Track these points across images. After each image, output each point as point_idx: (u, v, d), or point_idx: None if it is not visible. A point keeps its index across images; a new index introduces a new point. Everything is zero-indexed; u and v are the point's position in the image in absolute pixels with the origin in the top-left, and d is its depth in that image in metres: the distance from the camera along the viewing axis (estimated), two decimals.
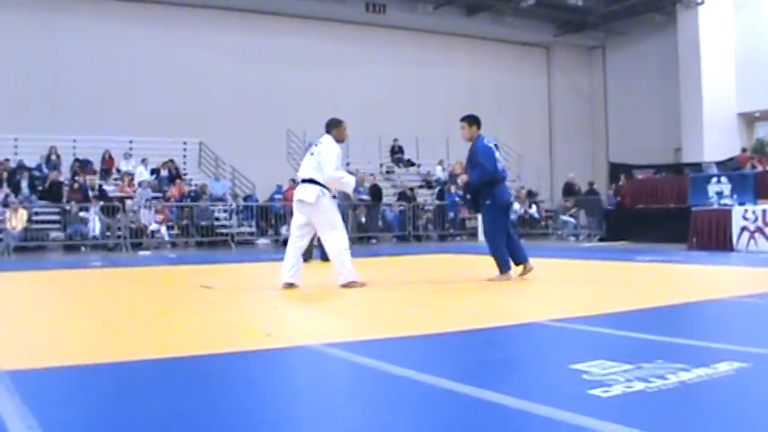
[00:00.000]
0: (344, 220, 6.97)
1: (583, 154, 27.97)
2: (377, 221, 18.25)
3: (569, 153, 27.71)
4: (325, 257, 9.21)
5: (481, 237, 7.49)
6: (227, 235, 17.34)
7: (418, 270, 8.78)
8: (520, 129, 27.87)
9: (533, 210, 20.01)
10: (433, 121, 25.26)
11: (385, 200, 19.95)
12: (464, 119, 6.96)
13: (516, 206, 19.69)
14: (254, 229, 18.15)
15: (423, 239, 19.49)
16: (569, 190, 19.66)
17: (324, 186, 6.29)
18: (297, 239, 6.49)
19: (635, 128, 26.60)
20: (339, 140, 6.53)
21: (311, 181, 6.33)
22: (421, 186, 22.92)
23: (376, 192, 18.31)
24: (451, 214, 19.15)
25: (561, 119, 28.29)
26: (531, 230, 19.59)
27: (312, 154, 6.53)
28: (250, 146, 21.45)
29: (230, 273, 9.09)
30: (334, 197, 6.37)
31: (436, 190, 20.67)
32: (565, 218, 19.01)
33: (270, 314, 4.95)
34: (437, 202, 19.85)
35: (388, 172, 23.48)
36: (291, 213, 7.02)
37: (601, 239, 16.65)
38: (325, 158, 6.30)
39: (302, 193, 6.33)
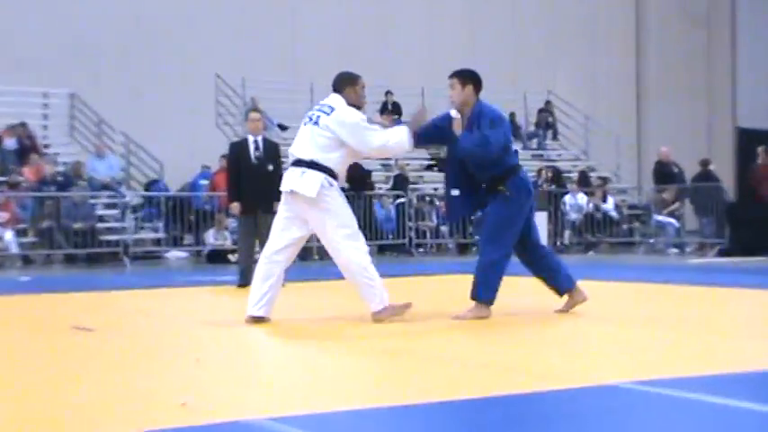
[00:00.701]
0: None
1: (692, 117, 28.22)
2: (360, 223, 18.20)
3: (670, 116, 27.97)
4: (244, 282, 9.79)
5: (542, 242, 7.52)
6: (116, 244, 17.44)
7: (427, 297, 8.95)
8: (586, 77, 28.20)
9: (608, 205, 20.06)
10: (447, 65, 25.38)
11: (377, 186, 20.21)
12: (455, 75, 7.24)
13: (581, 198, 19.77)
14: (161, 236, 18.15)
15: (433, 250, 19.58)
16: (663, 173, 19.62)
17: (331, 174, 6.73)
18: (275, 254, 6.95)
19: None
20: (355, 106, 6.94)
21: (312, 164, 6.74)
22: (429, 166, 23.41)
23: (358, 175, 18.29)
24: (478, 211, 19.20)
25: (658, 62, 28.53)
26: (605, 238, 19.65)
27: (316, 123, 6.87)
28: (155, 102, 21.74)
29: (122, 305, 9.33)
30: (344, 189, 6.87)
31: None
32: (661, 218, 19.04)
33: (189, 373, 5.04)
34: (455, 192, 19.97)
35: None
36: (224, 211, 7.00)
37: (723, 253, 16.73)
38: (351, 132, 6.73)
39: (296, 180, 6.78)
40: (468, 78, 7.23)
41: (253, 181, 10.67)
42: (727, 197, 18.50)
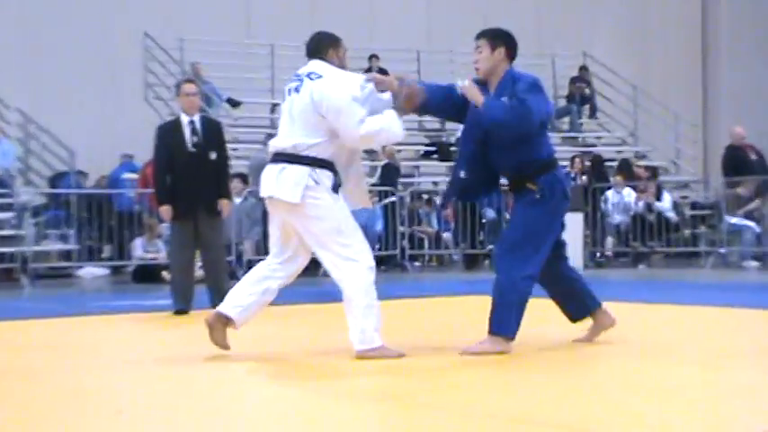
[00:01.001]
0: (267, 222, 7.52)
1: None
2: None
3: (746, 86, 28.03)
4: (216, 301, 9.87)
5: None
6: (11, 259, 17.43)
7: (428, 325, 8.88)
8: (634, 35, 28.27)
9: (664, 204, 20.06)
10: (448, 22, 25.80)
11: None
12: (483, 35, 7.48)
13: (628, 195, 19.75)
14: (71, 247, 18.09)
15: (432, 264, 19.59)
16: (738, 161, 19.64)
17: (320, 165, 6.82)
18: (278, 265, 7.22)
19: None
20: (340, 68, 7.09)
21: (293, 158, 6.90)
22: (427, 153, 23.45)
23: None
24: (489, 212, 19.27)
25: (732, 12, 28.52)
26: (660, 247, 19.65)
27: (297, 91, 7.03)
28: (62, 70, 21.74)
29: (19, 339, 9.27)
30: (335, 189, 6.87)
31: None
32: (736, 220, 19.04)
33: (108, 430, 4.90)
34: None
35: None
36: (156, 216, 7.02)
37: None
38: (334, 108, 6.80)
39: (273, 182, 6.99)
40: (500, 39, 7.38)
41: (190, 175, 10.62)
42: None
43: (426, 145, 23.84)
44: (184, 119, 10.83)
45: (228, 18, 23.49)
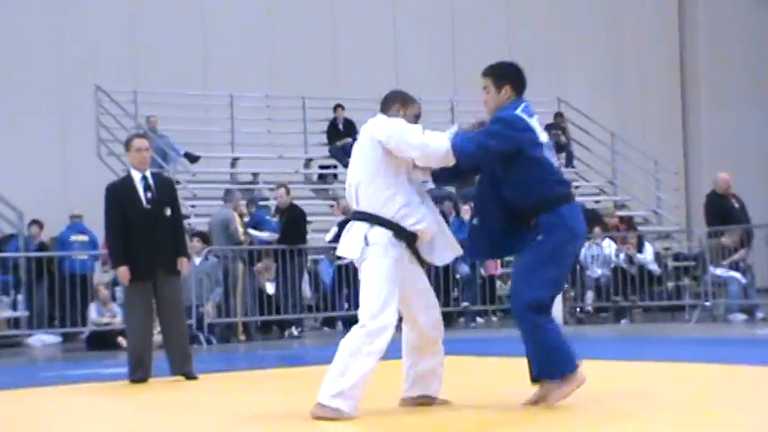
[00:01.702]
0: (230, 282, 7.19)
1: (759, 131, 28.40)
2: (298, 288, 18.16)
3: (728, 131, 28.19)
4: (180, 367, 10.36)
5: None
6: None
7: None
8: (610, 79, 28.42)
9: (646, 255, 20.07)
10: (418, 68, 25.97)
11: (314, 238, 20.17)
12: (488, 72, 7.57)
13: (607, 247, 19.77)
14: (20, 314, 17.94)
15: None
16: (722, 210, 19.67)
17: (380, 223, 7.24)
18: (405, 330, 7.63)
19: None
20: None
21: (357, 214, 7.44)
22: None
23: (295, 222, 18.23)
24: (465, 268, 19.23)
25: (711, 54, 28.72)
26: (642, 301, 19.64)
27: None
28: (9, 126, 21.68)
29: None
30: (395, 240, 7.24)
31: None
32: (720, 272, 19.07)
33: None
34: None
35: (321, 178, 23.93)
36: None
37: None
38: (389, 131, 7.27)
39: (342, 241, 7.49)
40: (506, 79, 7.47)
41: (147, 233, 10.52)
42: None
43: None
44: (136, 175, 10.75)
45: (185, 69, 23.47)
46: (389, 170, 7.26)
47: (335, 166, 23.95)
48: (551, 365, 7.14)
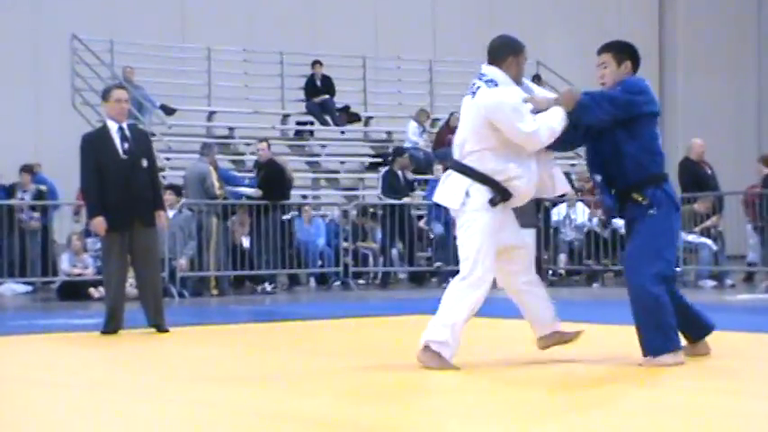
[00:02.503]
0: (203, 236, 7.16)
1: (736, 98, 28.50)
2: (275, 245, 18.15)
3: (705, 96, 28.34)
4: (155, 319, 10.41)
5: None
6: None
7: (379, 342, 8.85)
8: (587, 41, 28.25)
9: (619, 221, 20.11)
10: (396, 26, 25.95)
11: (296, 194, 20.18)
12: (607, 48, 7.76)
13: (581, 212, 19.84)
14: None
15: (378, 282, 19.59)
16: (695, 176, 19.70)
17: (482, 180, 7.38)
18: (509, 276, 7.80)
19: None
20: (514, 80, 7.64)
21: (457, 166, 7.54)
22: (373, 164, 23.56)
23: (274, 177, 18.20)
24: (439, 227, 19.25)
25: (689, 19, 28.77)
26: (615, 264, 19.73)
27: (473, 94, 7.56)
28: None
29: None
30: (493, 201, 7.40)
31: (380, 182, 20.86)
32: (692, 238, 19.16)
33: None
34: (406, 199, 19.98)
35: (298, 135, 23.90)
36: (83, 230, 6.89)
37: None
38: (497, 116, 7.35)
39: (440, 189, 7.69)
40: (626, 54, 7.66)
41: (123, 184, 10.48)
42: None
43: (372, 156, 23.82)
44: (113, 126, 10.68)
45: (162, 20, 23.36)
46: (498, 139, 7.38)
47: (312, 123, 23.91)
48: (650, 343, 7.31)
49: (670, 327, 7.33)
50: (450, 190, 7.50)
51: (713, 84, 28.55)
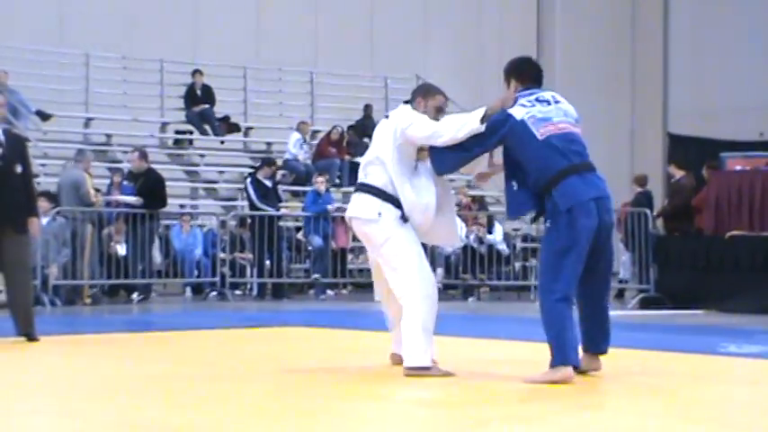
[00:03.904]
0: (78, 244, 7.13)
1: (610, 119, 29.00)
2: (149, 254, 17.96)
3: (582, 117, 28.41)
4: (24, 328, 10.34)
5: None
6: None
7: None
8: (466, 58, 28.77)
9: (495, 236, 20.36)
10: (277, 37, 25.86)
11: (174, 203, 20.01)
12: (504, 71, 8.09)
13: (459, 229, 19.95)
14: None
15: (256, 293, 19.54)
16: None
17: (389, 200, 7.81)
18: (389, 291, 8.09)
19: (726, 67, 27.75)
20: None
21: (368, 189, 7.93)
22: (252, 174, 23.36)
23: (151, 184, 17.95)
24: (317, 240, 19.23)
25: (566, 40, 29.22)
26: (491, 279, 19.90)
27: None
28: None
29: None
30: (403, 219, 7.84)
31: (251, 190, 20.73)
32: None
33: None
34: (284, 209, 19.96)
35: (177, 143, 23.75)
36: None
37: (647, 302, 17.25)
38: (407, 126, 7.82)
39: (350, 207, 8.12)
40: (508, 74, 7.97)
41: None
42: (656, 230, 18.83)
43: (251, 167, 23.72)
44: None
45: (39, 25, 22.99)
46: (404, 159, 7.78)
47: (192, 132, 23.75)
48: (554, 351, 7.41)
49: (570, 344, 7.46)
50: (364, 204, 7.85)
51: (589, 104, 28.95)
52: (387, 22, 27.21)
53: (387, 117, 8.06)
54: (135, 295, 17.83)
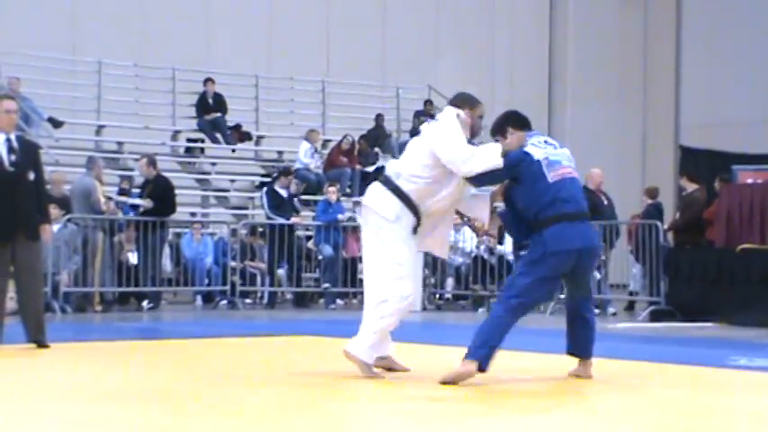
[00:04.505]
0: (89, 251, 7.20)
1: (621, 130, 28.98)
2: (159, 262, 17.97)
3: (590, 127, 28.82)
4: (35, 335, 10.31)
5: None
6: None
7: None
8: (478, 69, 28.84)
9: (506, 247, 20.30)
10: (288, 48, 26.09)
11: (185, 211, 19.92)
12: (492, 134, 8.62)
13: (468, 238, 19.92)
14: None
15: (263, 302, 19.61)
16: (591, 204, 19.75)
17: (409, 204, 8.14)
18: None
19: (737, 79, 27.75)
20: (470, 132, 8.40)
21: (387, 183, 8.24)
22: (262, 184, 23.42)
23: (160, 191, 17.95)
24: (328, 249, 19.24)
25: (578, 52, 29.22)
26: (493, 290, 19.80)
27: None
28: None
29: None
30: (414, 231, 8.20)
31: (265, 199, 20.72)
32: None
33: None
34: (295, 219, 19.94)
35: (188, 152, 23.77)
36: None
37: (657, 314, 17.24)
38: (436, 143, 8.13)
39: (370, 195, 8.34)
40: (507, 126, 8.49)
41: (8, 196, 10.29)
42: (667, 242, 18.76)
43: (262, 176, 23.75)
44: (0, 137, 10.51)
45: (52, 32, 23.05)
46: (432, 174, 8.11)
47: (203, 140, 23.78)
48: (473, 345, 7.89)
49: (488, 353, 7.87)
50: (385, 201, 8.13)
51: (600, 116, 28.99)
52: (399, 33, 27.25)
53: (432, 119, 8.37)
54: (145, 303, 17.85)
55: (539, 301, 8.40)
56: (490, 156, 8.00)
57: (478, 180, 8.16)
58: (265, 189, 19.69)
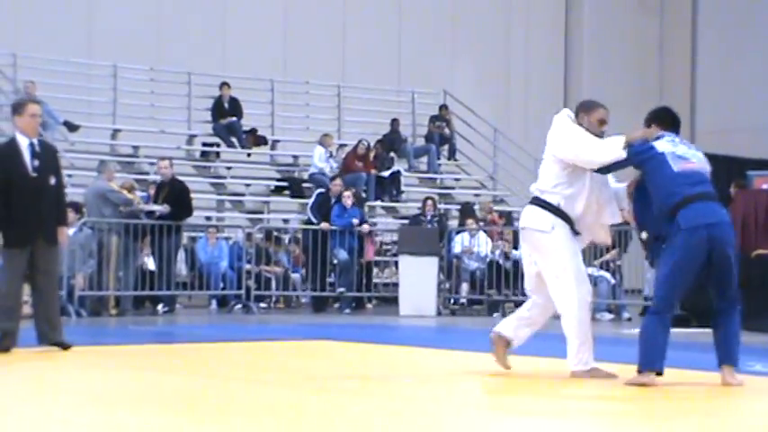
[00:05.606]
0: (104, 255, 7.17)
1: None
2: (174, 266, 17.99)
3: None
4: (51, 336, 10.28)
5: None
6: None
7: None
8: (495, 75, 28.80)
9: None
10: (304, 52, 25.96)
11: (198, 215, 20.09)
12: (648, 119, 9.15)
13: (483, 243, 19.91)
14: None
15: (279, 306, 19.50)
16: None
17: (559, 213, 8.63)
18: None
19: (753, 85, 27.79)
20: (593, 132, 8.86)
21: (535, 201, 8.78)
22: (277, 189, 23.67)
23: (177, 195, 17.97)
24: (343, 254, 19.24)
25: (593, 59, 29.20)
26: (516, 295, 19.81)
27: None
28: None
29: None
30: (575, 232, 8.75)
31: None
32: (591, 271, 19.26)
33: None
34: (309, 224, 19.96)
35: (203, 156, 23.81)
36: None
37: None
38: (553, 141, 8.75)
39: (524, 216, 8.93)
40: (650, 120, 9.04)
41: (29, 201, 10.31)
42: None
43: (278, 180, 23.79)
44: (23, 141, 10.49)
45: (68, 36, 23.13)
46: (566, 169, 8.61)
47: (219, 144, 23.82)
48: (640, 356, 8.21)
49: (657, 352, 8.21)
50: (538, 216, 8.66)
51: (615, 121, 28.82)
52: (414, 37, 27.27)
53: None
54: (160, 307, 17.88)
55: (681, 287, 8.51)
56: (612, 147, 8.55)
57: (605, 169, 8.67)
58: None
